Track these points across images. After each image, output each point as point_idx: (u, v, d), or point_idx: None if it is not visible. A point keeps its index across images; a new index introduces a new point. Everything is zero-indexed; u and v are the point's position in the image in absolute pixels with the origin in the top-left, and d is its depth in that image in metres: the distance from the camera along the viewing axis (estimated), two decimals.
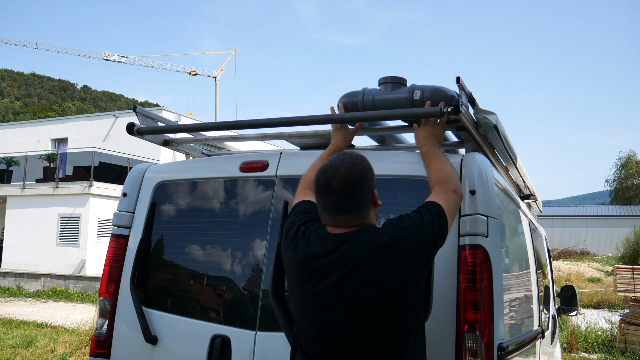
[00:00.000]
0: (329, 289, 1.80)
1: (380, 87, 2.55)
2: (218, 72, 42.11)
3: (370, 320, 1.76)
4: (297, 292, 1.91)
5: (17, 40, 46.85)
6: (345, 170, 1.83)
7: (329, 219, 1.87)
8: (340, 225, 1.86)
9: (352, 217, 1.84)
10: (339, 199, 1.82)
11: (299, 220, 2.00)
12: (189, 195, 2.75)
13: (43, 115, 66.28)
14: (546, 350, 3.49)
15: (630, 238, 20.08)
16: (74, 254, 17.77)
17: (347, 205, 1.83)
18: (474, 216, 2.12)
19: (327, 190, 1.84)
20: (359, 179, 1.83)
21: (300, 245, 1.90)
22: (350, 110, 2.58)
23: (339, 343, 1.79)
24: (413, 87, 2.43)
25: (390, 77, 2.54)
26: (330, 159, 1.90)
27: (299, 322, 1.92)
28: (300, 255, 1.88)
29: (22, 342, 8.38)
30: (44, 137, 24.73)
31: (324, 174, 1.86)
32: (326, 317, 1.80)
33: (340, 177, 1.82)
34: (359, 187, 1.83)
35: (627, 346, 8.69)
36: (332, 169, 1.84)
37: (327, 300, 1.80)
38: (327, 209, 1.86)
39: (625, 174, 48.46)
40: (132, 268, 2.68)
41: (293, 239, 1.94)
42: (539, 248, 3.92)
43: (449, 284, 2.11)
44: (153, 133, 2.81)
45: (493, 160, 2.79)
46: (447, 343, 2.06)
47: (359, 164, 1.86)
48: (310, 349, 1.86)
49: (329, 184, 1.83)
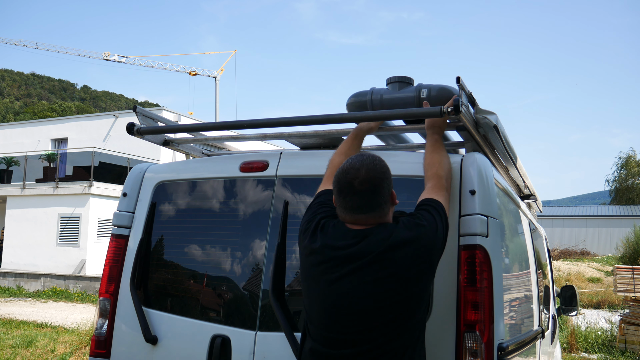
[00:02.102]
0: (344, 278, 1.84)
1: (388, 86, 2.66)
2: (218, 72, 42.12)
3: (383, 312, 1.80)
4: (311, 280, 1.95)
5: (17, 40, 46.90)
6: (366, 171, 1.88)
7: (349, 217, 1.92)
8: (361, 223, 1.91)
9: (372, 216, 1.90)
10: (361, 198, 1.88)
11: (321, 213, 2.06)
12: (189, 195, 2.75)
13: (43, 115, 66.31)
14: (546, 350, 3.49)
15: (630, 238, 20.08)
16: (74, 254, 17.77)
17: (369, 204, 1.89)
18: (474, 216, 2.12)
19: (349, 191, 1.89)
20: (380, 180, 1.89)
21: (320, 237, 1.95)
22: (359, 110, 2.68)
23: (350, 332, 1.82)
24: (420, 87, 2.53)
25: (397, 76, 2.64)
26: (349, 161, 1.94)
27: (309, 311, 1.95)
28: (319, 244, 1.93)
29: (22, 342, 8.38)
30: (44, 137, 24.73)
31: (345, 175, 1.91)
32: (338, 306, 1.84)
33: (362, 178, 1.87)
34: (380, 187, 1.89)
35: (627, 346, 8.69)
36: (353, 170, 1.89)
37: (342, 289, 1.84)
38: (348, 208, 1.91)
39: (626, 174, 48.43)
40: (132, 268, 2.68)
41: (314, 230, 1.99)
42: (539, 248, 3.92)
43: (449, 284, 2.11)
44: (153, 133, 2.81)
45: (493, 160, 2.79)
46: (447, 343, 2.06)
47: (378, 164, 1.92)
48: (320, 336, 1.89)
49: (351, 184, 1.88)
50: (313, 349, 1.90)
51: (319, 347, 1.88)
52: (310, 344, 1.92)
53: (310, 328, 1.94)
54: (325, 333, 1.87)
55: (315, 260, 1.93)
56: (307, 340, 1.96)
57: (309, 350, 1.92)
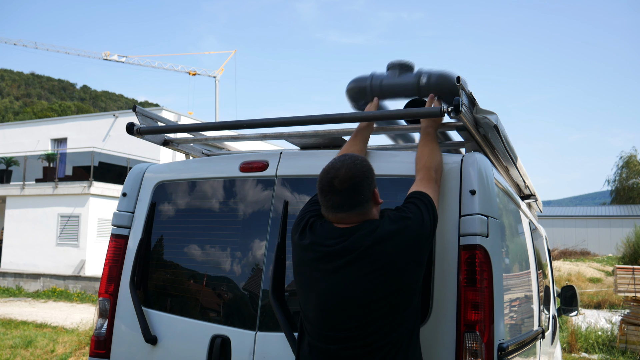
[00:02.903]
0: (334, 275, 1.86)
1: (388, 71, 2.59)
2: (218, 72, 42.11)
3: (375, 306, 1.81)
4: (302, 278, 1.97)
5: (17, 40, 46.89)
6: (346, 170, 1.90)
7: (332, 216, 1.95)
8: (345, 221, 1.93)
9: (355, 214, 1.92)
10: (340, 197, 1.90)
11: (311, 211, 2.08)
12: (189, 195, 2.74)
13: (42, 115, 66.29)
14: (546, 350, 3.49)
15: (631, 238, 20.06)
16: (73, 254, 17.77)
17: (349, 203, 1.90)
18: (474, 216, 2.12)
19: (329, 190, 1.91)
20: (359, 179, 1.90)
21: (309, 235, 1.97)
22: (359, 95, 2.65)
23: (344, 329, 1.83)
24: (420, 72, 2.51)
25: (397, 61, 2.59)
26: (332, 161, 1.98)
27: (304, 309, 1.96)
28: (308, 241, 1.95)
29: (21, 342, 8.37)
30: (43, 137, 24.72)
31: (325, 175, 1.94)
32: (331, 303, 1.85)
33: (342, 177, 1.90)
34: (360, 186, 1.90)
35: (627, 346, 8.69)
36: (334, 170, 1.93)
37: (333, 286, 1.85)
38: (329, 207, 1.93)
39: (627, 174, 48.38)
40: (132, 268, 2.68)
41: (303, 228, 2.01)
42: (539, 248, 3.92)
43: (449, 284, 2.10)
44: (153, 133, 2.81)
45: (493, 160, 2.79)
46: (447, 343, 2.05)
47: (359, 164, 1.94)
48: (315, 334, 1.90)
49: (331, 184, 1.91)
50: (312, 345, 1.90)
51: (318, 343, 1.88)
52: (308, 340, 1.93)
53: (307, 325, 1.95)
54: (322, 330, 1.87)
55: (306, 258, 1.95)
56: (304, 337, 1.97)
57: (307, 346, 1.93)
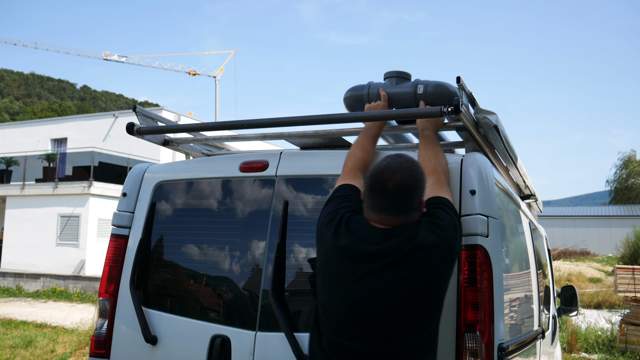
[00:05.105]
0: (368, 276, 1.83)
1: (386, 81, 2.62)
2: (218, 72, 42.07)
3: (405, 311, 1.81)
4: (330, 273, 1.93)
5: (17, 40, 46.82)
6: (402, 175, 1.85)
7: (374, 216, 1.90)
8: (385, 222, 1.89)
9: (398, 219, 1.88)
10: (391, 201, 1.86)
11: (345, 207, 2.01)
12: (189, 195, 2.74)
13: (43, 115, 66.25)
14: (546, 350, 3.49)
15: (631, 238, 20.06)
16: (73, 254, 17.77)
17: (398, 208, 1.87)
18: (474, 216, 2.11)
19: (380, 190, 1.86)
20: (414, 186, 1.87)
21: (345, 233, 1.92)
22: (356, 103, 2.66)
23: (371, 330, 1.82)
24: (417, 82, 2.52)
25: (395, 71, 2.61)
26: (387, 161, 1.91)
27: (325, 305, 1.93)
28: (346, 241, 1.90)
29: (21, 342, 8.37)
30: (43, 137, 24.71)
31: (380, 174, 1.88)
32: (360, 303, 1.83)
33: (396, 181, 1.85)
34: (413, 194, 1.87)
35: (627, 346, 8.69)
36: (389, 171, 1.86)
37: (366, 287, 1.83)
38: (376, 206, 1.89)
39: (627, 174, 48.36)
40: (132, 268, 2.68)
41: (338, 224, 1.95)
42: (539, 248, 3.92)
43: (450, 284, 2.10)
44: (153, 133, 2.81)
45: (493, 160, 2.79)
46: (447, 343, 2.05)
47: (415, 170, 1.89)
48: (336, 331, 1.87)
49: (384, 185, 1.86)
50: (333, 342, 1.88)
51: (340, 340, 1.86)
52: (328, 338, 1.90)
53: (327, 324, 1.91)
54: (345, 330, 1.85)
55: (339, 255, 1.90)
56: (322, 334, 1.93)
57: (328, 343, 1.89)
